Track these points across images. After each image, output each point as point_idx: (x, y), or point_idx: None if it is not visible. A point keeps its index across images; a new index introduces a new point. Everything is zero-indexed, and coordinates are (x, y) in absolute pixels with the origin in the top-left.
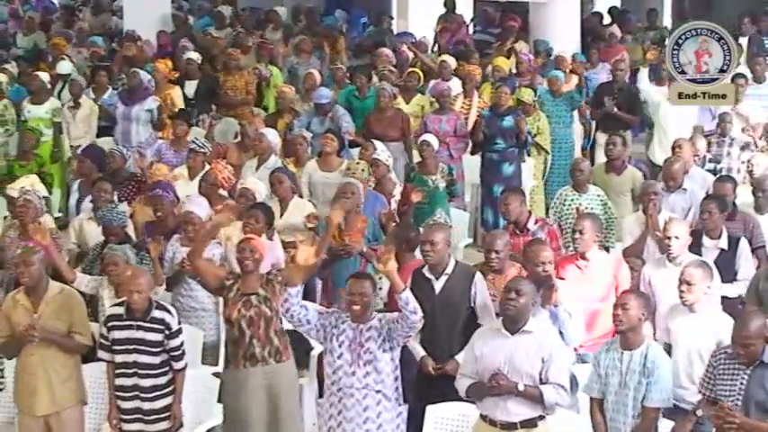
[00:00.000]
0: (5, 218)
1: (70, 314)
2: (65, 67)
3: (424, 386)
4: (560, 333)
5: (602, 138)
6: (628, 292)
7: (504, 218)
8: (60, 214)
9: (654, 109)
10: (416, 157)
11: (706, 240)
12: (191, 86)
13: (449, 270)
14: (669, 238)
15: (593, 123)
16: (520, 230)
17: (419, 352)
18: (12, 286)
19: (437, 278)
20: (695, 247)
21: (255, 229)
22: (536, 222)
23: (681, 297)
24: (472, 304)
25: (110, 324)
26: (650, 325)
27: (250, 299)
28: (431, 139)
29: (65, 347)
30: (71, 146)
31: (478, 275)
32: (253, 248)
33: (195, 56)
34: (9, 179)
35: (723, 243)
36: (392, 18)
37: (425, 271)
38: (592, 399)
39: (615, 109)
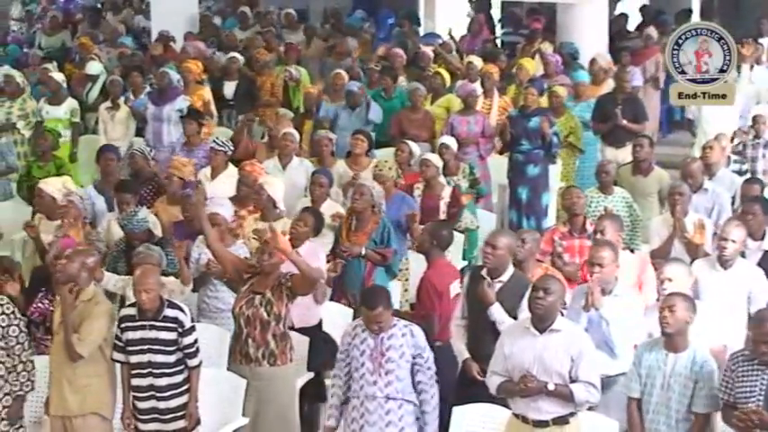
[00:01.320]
0: (34, 217)
1: (82, 320)
2: (95, 67)
3: (465, 388)
4: (605, 343)
5: (610, 152)
6: (675, 294)
7: (573, 214)
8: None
9: (695, 111)
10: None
11: (749, 242)
12: (230, 87)
13: (505, 278)
14: (725, 239)
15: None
16: (578, 232)
17: (463, 354)
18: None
19: (492, 282)
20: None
21: (302, 232)
22: (591, 225)
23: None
24: (519, 314)
25: (123, 325)
26: None
27: (254, 298)
28: (449, 140)
29: (66, 345)
30: None
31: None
32: (272, 252)
33: (238, 56)
34: (27, 180)
35: (767, 244)
36: (419, 19)
37: (483, 273)
38: (630, 398)
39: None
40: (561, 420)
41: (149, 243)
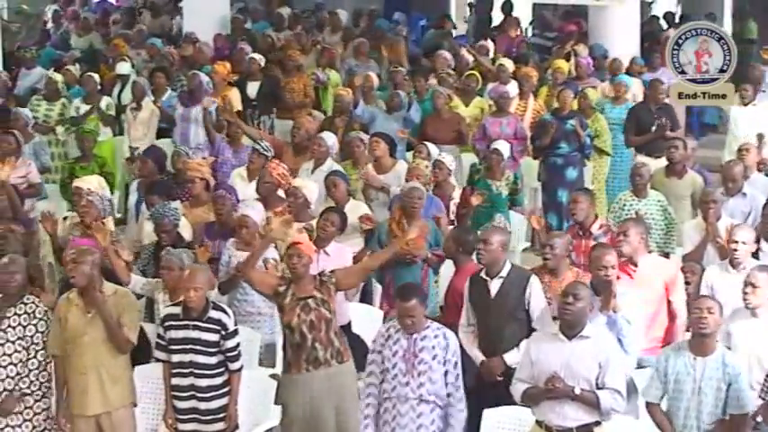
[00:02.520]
0: (66, 218)
1: (120, 313)
2: (124, 67)
3: (483, 391)
4: (619, 341)
5: (651, 162)
6: (708, 297)
7: (572, 217)
8: (120, 215)
9: (711, 115)
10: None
11: (764, 245)
12: (253, 87)
13: (504, 273)
14: (736, 242)
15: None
16: (584, 233)
17: (478, 356)
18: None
19: (492, 280)
20: (754, 252)
21: (330, 232)
22: (600, 227)
23: (745, 300)
24: (526, 307)
25: (166, 324)
26: None
27: (308, 302)
28: (502, 146)
29: (114, 337)
30: (130, 146)
31: (534, 278)
32: (300, 253)
33: (258, 56)
34: (70, 181)
35: None
36: (451, 21)
37: (482, 273)
38: (648, 403)
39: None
40: (585, 429)
41: (183, 249)
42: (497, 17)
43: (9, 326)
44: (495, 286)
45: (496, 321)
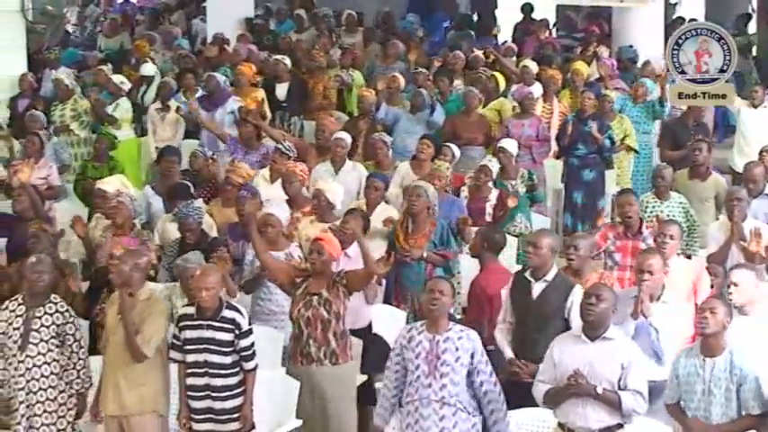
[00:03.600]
0: (91, 217)
1: (143, 321)
2: (148, 68)
3: (507, 392)
4: (654, 352)
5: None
6: (715, 297)
7: (625, 218)
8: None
9: (734, 116)
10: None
11: None
12: (281, 89)
13: (549, 277)
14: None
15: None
16: (632, 234)
17: (508, 353)
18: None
19: (536, 282)
20: None
21: (350, 234)
22: (648, 228)
23: (729, 299)
24: (566, 315)
25: (181, 324)
26: None
27: (312, 299)
28: (508, 144)
29: (128, 343)
30: (156, 147)
31: (578, 288)
32: (321, 249)
33: (283, 57)
34: (83, 179)
35: None
36: (473, 22)
37: (527, 274)
38: (666, 404)
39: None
40: (607, 431)
41: (200, 244)
42: (508, 18)
43: (42, 325)
44: (537, 289)
45: (534, 324)
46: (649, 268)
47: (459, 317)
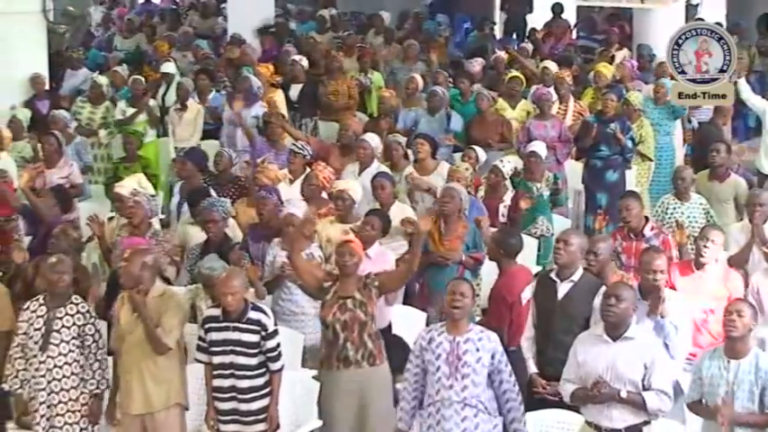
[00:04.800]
0: (111, 218)
1: (160, 316)
2: (169, 67)
3: (533, 394)
4: (665, 345)
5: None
6: (741, 299)
7: (624, 222)
8: (163, 216)
9: (760, 117)
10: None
11: None
12: (295, 90)
13: (575, 278)
14: None
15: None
16: (635, 235)
17: (531, 367)
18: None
19: (561, 282)
20: None
21: (370, 235)
22: (652, 229)
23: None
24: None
25: (207, 326)
26: None
27: (346, 302)
28: (539, 148)
29: (150, 339)
30: (175, 147)
31: (603, 289)
32: (352, 251)
33: (300, 58)
34: (114, 181)
35: None
36: (495, 23)
37: (552, 274)
38: (689, 403)
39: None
40: (634, 429)
41: (222, 247)
42: (538, 18)
43: (63, 326)
44: (563, 289)
45: (559, 325)
46: (659, 268)
47: (477, 318)
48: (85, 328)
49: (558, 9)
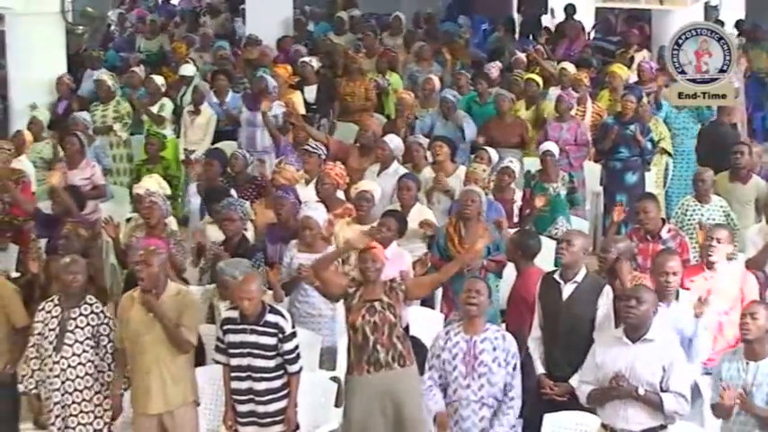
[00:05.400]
0: (128, 219)
1: (179, 315)
2: (188, 69)
3: (543, 396)
4: (689, 344)
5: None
6: (756, 302)
7: (641, 224)
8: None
9: None
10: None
11: None
12: (310, 91)
13: (578, 278)
14: None
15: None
16: (652, 237)
17: (538, 368)
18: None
19: (565, 284)
20: None
21: (386, 236)
22: (669, 231)
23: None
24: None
25: (225, 327)
26: None
27: (374, 305)
28: (552, 147)
29: (173, 338)
30: (185, 149)
31: (607, 288)
32: (374, 258)
33: (310, 59)
34: (137, 183)
35: None
36: (513, 24)
37: (556, 275)
38: (712, 405)
39: None
40: None
41: (240, 248)
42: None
43: (77, 326)
44: (567, 290)
45: (564, 326)
46: (672, 270)
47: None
48: (100, 329)
49: (570, 10)
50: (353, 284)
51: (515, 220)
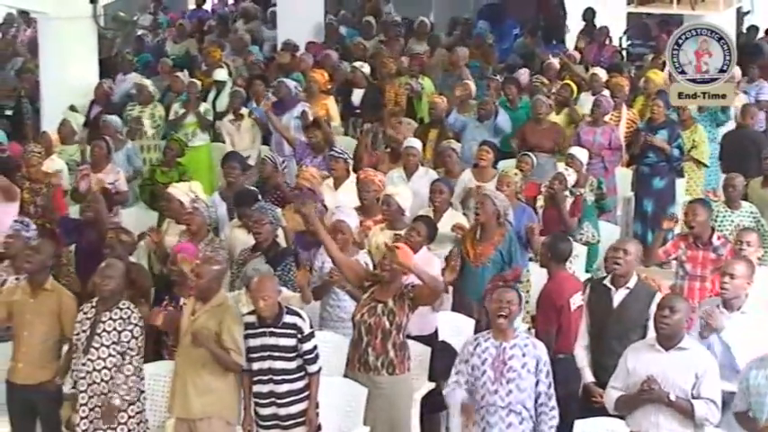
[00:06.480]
0: (161, 222)
1: (221, 331)
2: (221, 74)
3: (589, 402)
4: (729, 364)
5: None
6: None
7: (688, 226)
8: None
9: None
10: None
11: None
12: (356, 95)
13: (630, 285)
14: None
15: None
16: (702, 244)
17: (587, 376)
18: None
19: (617, 290)
20: None
21: (416, 241)
22: (719, 238)
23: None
24: (645, 323)
25: (244, 333)
26: None
27: (376, 306)
28: (577, 152)
29: (221, 363)
30: None
31: (659, 296)
32: (393, 258)
33: (362, 65)
34: (150, 184)
35: None
36: (541, 29)
37: (606, 281)
38: (735, 413)
39: None
40: None
41: (270, 251)
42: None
43: (104, 330)
44: (618, 297)
45: (614, 333)
46: (732, 271)
47: (528, 326)
48: (124, 335)
49: (589, 15)
50: (372, 280)
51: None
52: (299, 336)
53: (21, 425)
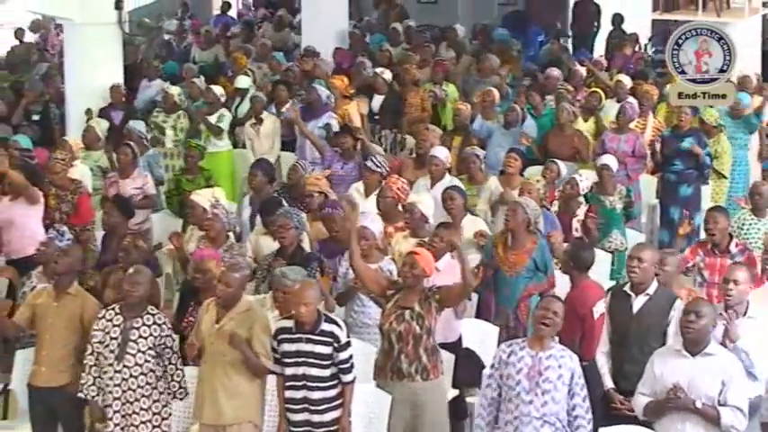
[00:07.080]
0: (185, 229)
1: (248, 332)
2: (243, 81)
3: (611, 408)
4: (749, 373)
5: None
6: None
7: (708, 234)
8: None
9: None
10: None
11: None
12: (377, 101)
13: (650, 291)
14: None
15: None
16: (720, 252)
17: (607, 382)
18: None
19: (636, 296)
20: None
21: (439, 248)
22: (737, 246)
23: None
24: (665, 329)
25: (279, 337)
26: None
27: (404, 313)
28: (610, 161)
29: (250, 367)
30: None
31: (679, 302)
32: (414, 263)
33: (383, 71)
34: (177, 193)
35: None
36: (569, 36)
37: (626, 288)
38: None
39: None
40: None
41: (296, 257)
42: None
43: (140, 336)
44: (638, 303)
45: (635, 339)
46: (735, 277)
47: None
48: (165, 340)
49: (618, 20)
50: (395, 287)
51: (576, 234)
52: (336, 345)
53: (42, 429)
